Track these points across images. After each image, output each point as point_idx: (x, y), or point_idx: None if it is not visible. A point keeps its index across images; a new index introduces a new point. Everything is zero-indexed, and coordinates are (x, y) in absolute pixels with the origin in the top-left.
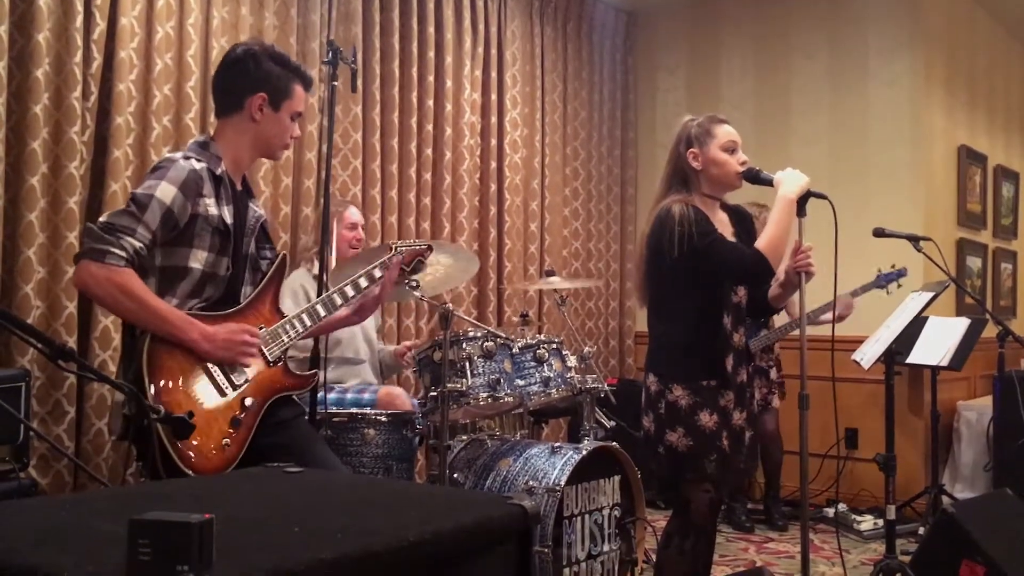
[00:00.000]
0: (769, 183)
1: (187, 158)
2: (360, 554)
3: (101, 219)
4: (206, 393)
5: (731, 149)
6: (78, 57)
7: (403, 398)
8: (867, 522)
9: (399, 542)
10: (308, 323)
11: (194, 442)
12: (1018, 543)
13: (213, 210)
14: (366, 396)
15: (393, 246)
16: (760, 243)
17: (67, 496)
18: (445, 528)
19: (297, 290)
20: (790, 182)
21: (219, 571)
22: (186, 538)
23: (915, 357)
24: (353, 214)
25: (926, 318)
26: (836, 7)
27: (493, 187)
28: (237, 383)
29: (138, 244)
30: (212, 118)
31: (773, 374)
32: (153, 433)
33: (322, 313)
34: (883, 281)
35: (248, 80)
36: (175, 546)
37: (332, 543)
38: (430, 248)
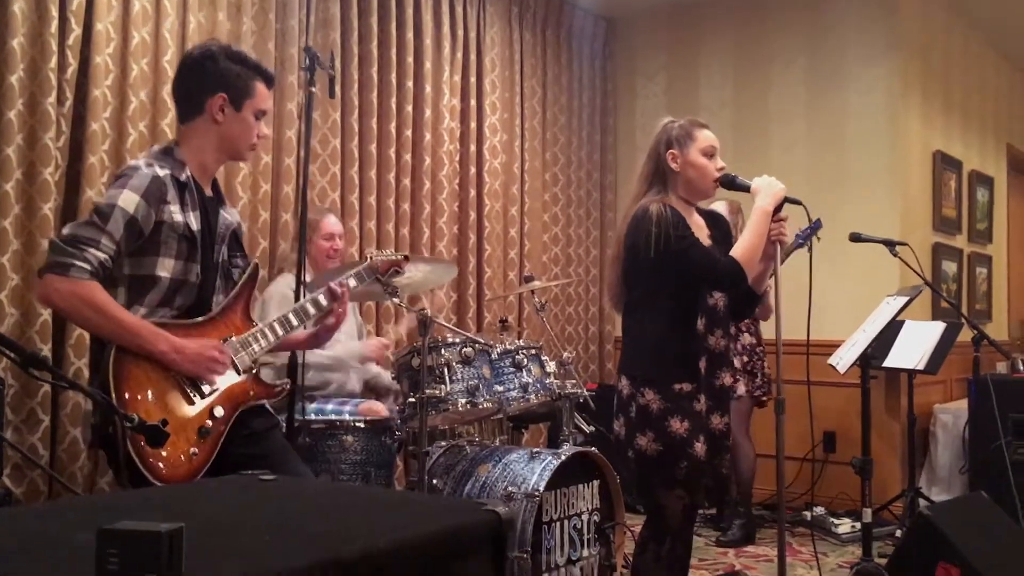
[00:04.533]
0: (746, 189)
1: (149, 165)
2: (331, 561)
3: (64, 231)
4: (174, 402)
5: (710, 154)
6: (53, 63)
7: (383, 412)
8: (845, 525)
9: (370, 549)
10: (280, 332)
11: (162, 452)
12: (993, 545)
13: (178, 217)
14: (347, 408)
15: (369, 255)
16: (735, 251)
17: (38, 505)
18: (418, 534)
19: (287, 294)
20: (766, 192)
21: None
22: (155, 547)
23: (892, 361)
24: (331, 223)
25: (902, 322)
26: (814, 14)
27: (472, 192)
28: (206, 392)
29: (102, 256)
30: None
31: (738, 362)
32: (121, 443)
33: (295, 323)
34: (801, 239)
35: (207, 81)
36: (144, 555)
37: (303, 550)
38: (406, 258)
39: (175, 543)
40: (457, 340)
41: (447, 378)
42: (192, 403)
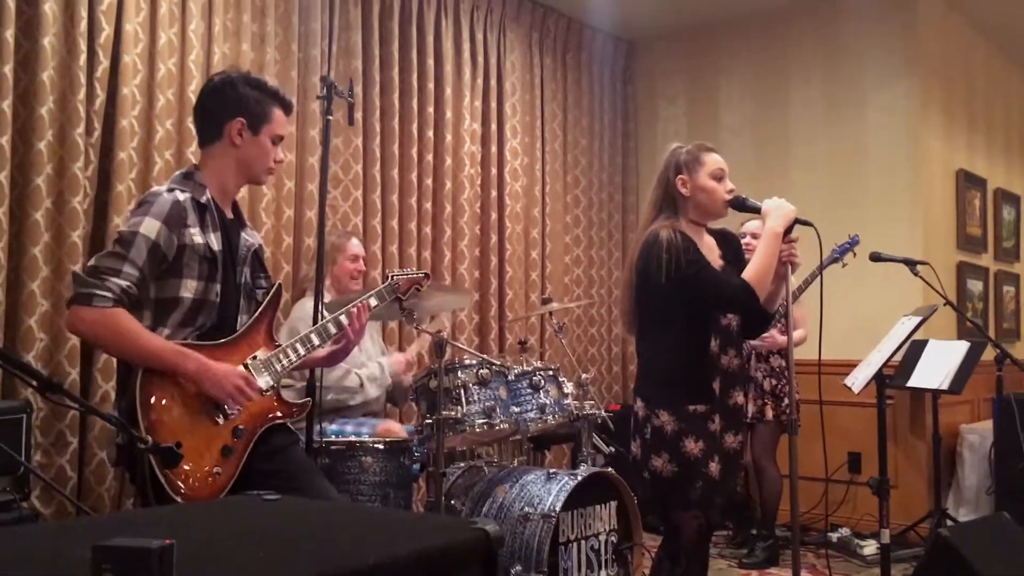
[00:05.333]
0: (756, 211)
1: (171, 190)
2: None
3: (89, 263)
4: (198, 422)
5: (719, 177)
6: (81, 94)
7: (402, 432)
8: (870, 546)
9: (359, 565)
10: (302, 352)
11: (186, 468)
12: (1013, 567)
13: (199, 239)
14: (365, 429)
15: (391, 275)
16: (747, 274)
17: (48, 524)
18: (407, 552)
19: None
20: (776, 213)
21: None
22: (146, 563)
23: (915, 381)
24: (355, 246)
25: (926, 342)
26: (832, 34)
27: (494, 215)
28: (229, 412)
29: (124, 283)
30: None
31: (767, 384)
32: (143, 463)
33: (316, 342)
34: (837, 254)
35: (226, 106)
36: (136, 571)
37: (292, 568)
38: (427, 276)
39: (165, 559)
40: (474, 362)
41: (464, 399)
42: (216, 423)
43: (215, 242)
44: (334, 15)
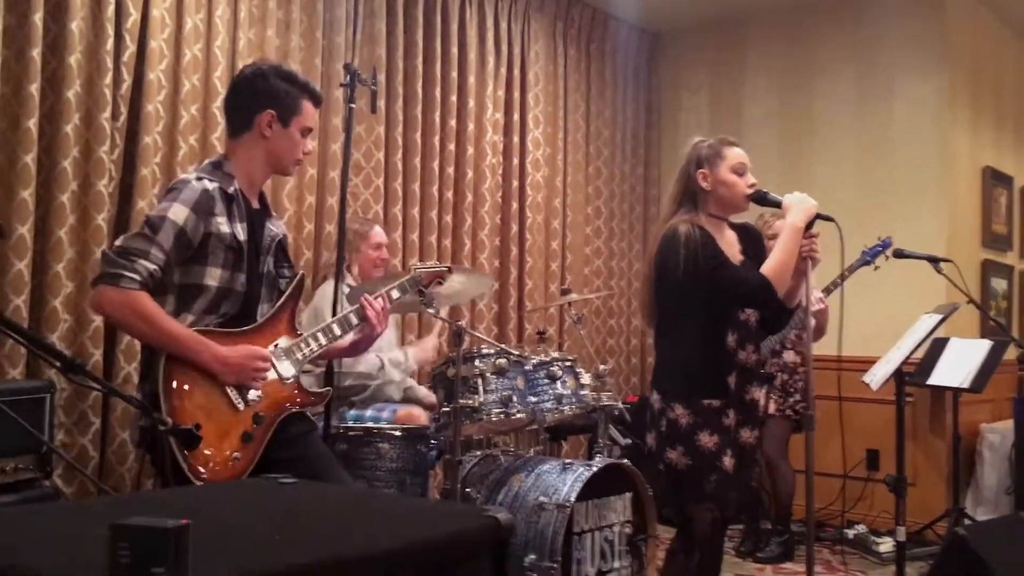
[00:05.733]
0: (777, 205)
1: (200, 179)
2: (332, 561)
3: (116, 243)
4: (219, 408)
5: (740, 171)
6: (108, 79)
7: (423, 418)
8: (886, 544)
9: (372, 551)
10: (323, 341)
11: (206, 452)
12: None
13: (225, 228)
14: (385, 415)
15: (413, 268)
16: (765, 268)
17: (67, 503)
18: (418, 538)
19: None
20: (797, 208)
21: (192, 573)
22: (162, 542)
23: (936, 378)
24: (378, 234)
25: (947, 340)
26: (860, 27)
27: (515, 205)
28: (250, 398)
29: (152, 266)
30: None
31: (778, 380)
32: (163, 444)
33: (337, 332)
34: (868, 257)
35: (257, 98)
36: (152, 549)
37: (306, 550)
38: (450, 270)
39: (181, 538)
40: (491, 351)
41: (481, 388)
42: (237, 409)
43: (241, 232)
44: (359, 2)
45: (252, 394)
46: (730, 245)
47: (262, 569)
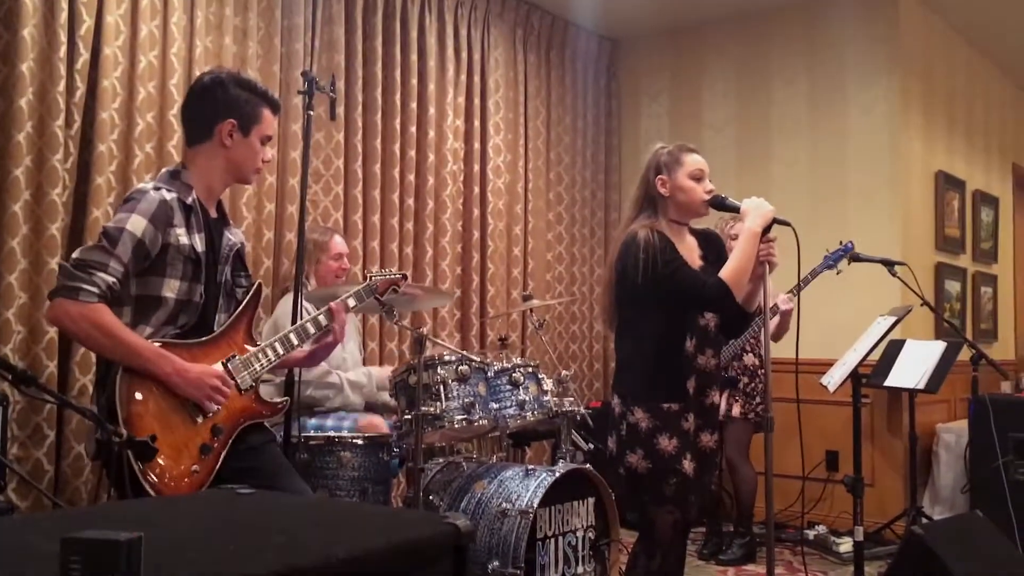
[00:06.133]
0: (735, 210)
1: (157, 189)
2: (287, 571)
3: (74, 255)
4: (177, 420)
5: (698, 177)
6: (61, 86)
7: (384, 427)
8: (846, 544)
9: (328, 559)
10: (281, 351)
11: (163, 464)
12: (985, 565)
13: (184, 239)
14: (346, 424)
15: (369, 276)
16: (723, 272)
17: (18, 517)
18: (376, 546)
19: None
20: (755, 213)
21: None
22: (114, 555)
23: (893, 380)
24: (338, 244)
25: (903, 342)
26: (815, 33)
27: (476, 212)
28: (208, 410)
29: (110, 279)
30: None
31: (742, 383)
32: (119, 457)
33: (295, 342)
34: (831, 261)
35: (217, 107)
36: (104, 563)
37: (262, 560)
38: (404, 277)
39: (133, 551)
40: (453, 358)
41: (443, 395)
42: (195, 422)
43: (199, 243)
44: (317, 9)
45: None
46: (690, 250)
47: None
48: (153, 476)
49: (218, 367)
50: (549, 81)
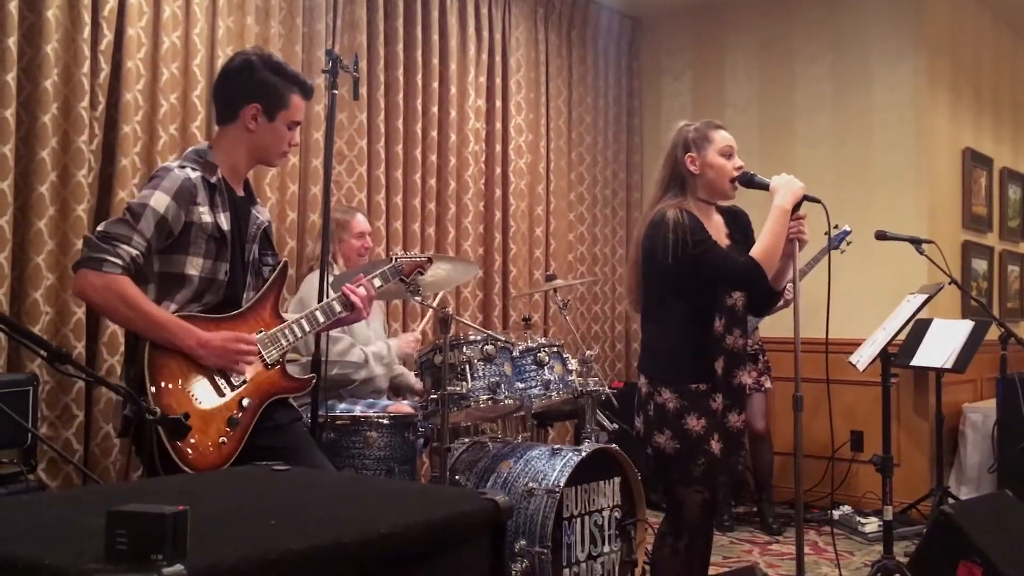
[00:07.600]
0: (765, 187)
1: (182, 167)
2: (330, 545)
3: (98, 228)
4: (204, 394)
5: (728, 154)
6: (86, 67)
7: (410, 411)
8: (872, 524)
9: (369, 534)
10: (307, 328)
11: (192, 440)
12: (1015, 544)
13: (207, 217)
14: (375, 411)
15: (395, 256)
16: (754, 251)
17: (58, 493)
18: (416, 521)
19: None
20: (784, 190)
21: (191, 559)
22: (160, 529)
23: (919, 360)
24: (361, 222)
25: (930, 321)
26: (838, 11)
27: (498, 192)
28: (235, 384)
29: (134, 252)
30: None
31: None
32: (150, 434)
33: (321, 319)
34: (834, 244)
35: (243, 90)
36: (150, 536)
37: (304, 535)
38: (430, 260)
39: (179, 525)
40: (479, 338)
41: (468, 375)
42: (222, 394)
43: (224, 222)
44: None
45: (237, 379)
46: (717, 229)
47: (260, 554)
48: (185, 448)
49: (236, 333)
50: (570, 60)
